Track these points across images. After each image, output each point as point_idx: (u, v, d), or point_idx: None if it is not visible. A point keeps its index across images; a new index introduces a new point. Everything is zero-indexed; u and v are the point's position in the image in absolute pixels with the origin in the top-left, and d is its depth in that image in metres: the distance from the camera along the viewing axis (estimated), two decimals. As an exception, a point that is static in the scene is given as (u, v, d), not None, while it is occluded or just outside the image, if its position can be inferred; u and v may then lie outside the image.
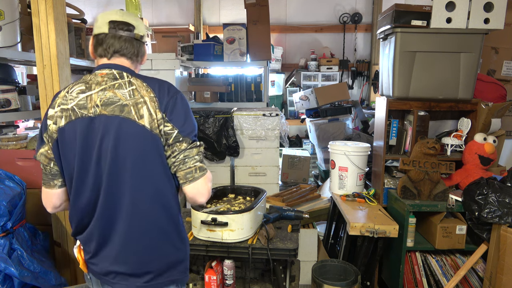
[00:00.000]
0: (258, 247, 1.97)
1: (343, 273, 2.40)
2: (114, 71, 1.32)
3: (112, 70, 1.32)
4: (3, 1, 2.23)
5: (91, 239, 1.32)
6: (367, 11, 5.37)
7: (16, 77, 2.64)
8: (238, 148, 3.06)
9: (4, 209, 1.86)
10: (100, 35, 1.31)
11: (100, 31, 1.31)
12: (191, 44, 3.82)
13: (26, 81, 3.04)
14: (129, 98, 1.27)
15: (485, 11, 2.26)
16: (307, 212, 2.38)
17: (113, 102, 1.26)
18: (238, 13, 5.44)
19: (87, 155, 1.26)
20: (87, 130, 1.26)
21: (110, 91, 1.28)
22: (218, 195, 2.38)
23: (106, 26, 1.30)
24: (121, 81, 1.31)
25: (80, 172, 1.28)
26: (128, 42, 1.34)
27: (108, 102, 1.26)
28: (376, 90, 5.31)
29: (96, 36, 1.33)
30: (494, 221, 2.11)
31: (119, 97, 1.27)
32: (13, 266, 1.80)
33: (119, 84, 1.30)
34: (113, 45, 1.32)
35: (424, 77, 2.41)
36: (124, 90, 1.29)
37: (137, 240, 1.30)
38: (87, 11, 5.15)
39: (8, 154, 2.25)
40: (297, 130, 5.49)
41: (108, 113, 1.25)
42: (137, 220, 1.28)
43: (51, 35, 1.98)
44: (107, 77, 1.30)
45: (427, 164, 2.34)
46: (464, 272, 2.26)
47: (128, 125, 1.25)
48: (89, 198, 1.29)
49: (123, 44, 1.33)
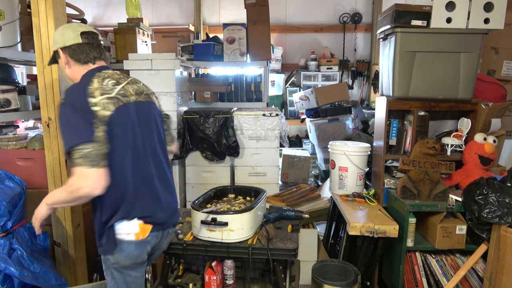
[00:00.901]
0: (258, 247, 1.97)
1: (343, 273, 2.40)
2: (114, 71, 1.62)
3: (112, 70, 1.62)
4: (3, 1, 2.23)
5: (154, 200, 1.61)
6: (367, 11, 5.37)
7: (16, 77, 2.64)
8: (238, 148, 3.06)
9: (4, 209, 1.86)
10: (74, 45, 1.56)
11: (75, 41, 1.55)
12: (191, 44, 3.81)
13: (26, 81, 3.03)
14: (145, 89, 1.69)
15: (485, 11, 2.26)
16: (307, 212, 2.38)
17: (142, 92, 1.64)
18: (238, 13, 5.44)
19: (147, 132, 1.60)
20: (138, 112, 1.57)
21: (134, 84, 1.63)
22: (218, 195, 2.38)
23: (79, 37, 1.56)
24: (127, 77, 1.64)
25: (144, 147, 1.57)
26: (101, 48, 1.64)
27: (139, 92, 1.62)
28: (376, 90, 5.31)
29: (69, 47, 1.56)
30: (494, 221, 2.11)
31: (142, 89, 1.66)
32: (13, 266, 1.80)
33: (130, 79, 1.64)
34: (90, 53, 1.58)
35: (424, 77, 2.41)
36: (139, 84, 1.69)
37: (172, 196, 1.72)
38: (87, 11, 5.16)
39: (8, 154, 2.25)
40: (297, 130, 5.49)
41: (143, 99, 1.62)
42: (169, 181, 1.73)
43: (51, 35, 1.98)
44: (117, 75, 1.60)
45: (427, 164, 2.34)
46: (464, 272, 2.26)
47: (156, 108, 1.71)
48: (150, 168, 1.59)
49: (99, 50, 1.61)
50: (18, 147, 2.28)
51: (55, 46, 1.59)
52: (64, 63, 1.59)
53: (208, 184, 3.12)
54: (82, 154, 1.35)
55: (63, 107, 1.44)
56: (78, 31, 1.56)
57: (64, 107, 1.43)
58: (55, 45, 1.59)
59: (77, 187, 1.37)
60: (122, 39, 3.87)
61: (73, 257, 2.19)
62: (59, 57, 1.59)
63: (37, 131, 3.05)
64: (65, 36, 1.55)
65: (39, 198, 2.20)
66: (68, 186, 1.40)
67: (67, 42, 1.55)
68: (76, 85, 1.54)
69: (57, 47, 1.58)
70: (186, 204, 3.28)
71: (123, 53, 3.82)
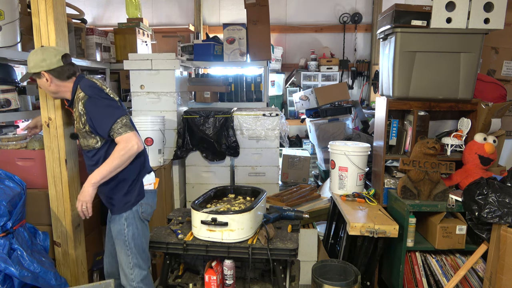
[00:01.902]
0: (258, 247, 1.97)
1: (343, 273, 2.40)
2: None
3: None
4: (3, 1, 2.23)
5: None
6: (367, 11, 5.37)
7: (16, 77, 2.64)
8: (238, 148, 3.06)
9: (4, 209, 1.85)
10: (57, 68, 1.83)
11: (58, 65, 1.83)
12: (191, 44, 3.82)
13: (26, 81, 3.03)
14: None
15: (485, 11, 2.26)
16: (307, 212, 2.38)
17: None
18: (238, 13, 5.44)
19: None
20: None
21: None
22: (218, 195, 2.38)
23: (60, 61, 1.83)
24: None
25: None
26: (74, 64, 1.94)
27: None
28: (376, 90, 5.31)
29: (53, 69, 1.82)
30: (494, 221, 2.11)
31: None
32: (13, 266, 1.80)
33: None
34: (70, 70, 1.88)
35: (424, 77, 2.41)
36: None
37: None
38: (87, 11, 5.16)
39: (8, 154, 2.25)
40: (297, 130, 5.49)
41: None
42: None
43: (51, 35, 1.98)
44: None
45: (427, 164, 2.34)
46: (464, 272, 2.26)
47: None
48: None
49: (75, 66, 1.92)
50: (18, 147, 2.28)
51: (36, 69, 1.81)
52: (46, 82, 1.84)
53: (208, 184, 3.12)
54: (122, 124, 1.79)
55: (92, 99, 1.81)
56: (59, 55, 1.83)
57: (94, 99, 1.81)
58: (36, 68, 1.81)
59: (129, 148, 1.77)
60: (122, 39, 3.87)
61: (73, 257, 2.19)
62: (41, 77, 1.84)
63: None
64: (47, 61, 1.81)
65: (39, 198, 2.21)
66: (120, 151, 1.77)
67: (51, 66, 1.81)
68: (85, 85, 1.86)
69: (40, 70, 1.81)
70: (186, 204, 3.28)
71: (123, 53, 3.82)
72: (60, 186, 2.12)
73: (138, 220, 1.96)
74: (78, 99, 1.85)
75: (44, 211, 2.19)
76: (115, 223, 1.95)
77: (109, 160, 1.80)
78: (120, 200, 1.93)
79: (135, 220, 1.95)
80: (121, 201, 1.93)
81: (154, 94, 3.07)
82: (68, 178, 2.11)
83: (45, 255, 2.07)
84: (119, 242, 1.95)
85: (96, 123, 1.80)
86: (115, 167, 1.80)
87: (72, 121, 2.03)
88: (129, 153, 1.78)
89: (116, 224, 1.95)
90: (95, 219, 2.45)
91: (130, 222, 1.94)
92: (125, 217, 1.93)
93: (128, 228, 1.93)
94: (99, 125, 1.80)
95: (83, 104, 1.82)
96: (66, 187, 2.11)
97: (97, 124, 1.80)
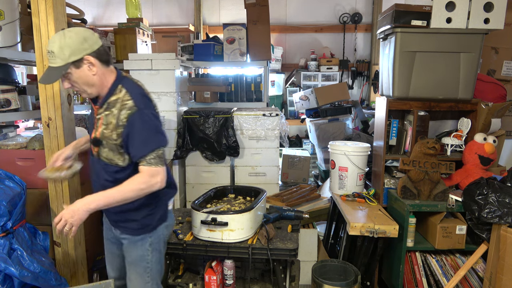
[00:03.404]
0: (258, 247, 1.97)
1: (343, 273, 2.40)
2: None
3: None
4: (3, 1, 2.23)
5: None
6: (367, 11, 5.37)
7: (16, 77, 2.64)
8: (238, 148, 3.06)
9: (4, 209, 1.85)
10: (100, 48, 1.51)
11: (99, 44, 1.51)
12: (191, 44, 3.82)
13: (26, 81, 3.03)
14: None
15: (485, 11, 2.26)
16: (307, 212, 2.38)
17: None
18: (238, 13, 5.44)
19: None
20: None
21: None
22: (218, 195, 2.38)
23: (99, 39, 1.52)
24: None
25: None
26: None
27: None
28: (376, 90, 5.31)
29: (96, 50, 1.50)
30: (494, 221, 2.11)
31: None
32: (13, 266, 1.80)
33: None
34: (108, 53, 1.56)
35: (424, 77, 2.41)
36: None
37: None
38: (87, 11, 5.16)
39: (8, 154, 2.25)
40: (297, 130, 5.49)
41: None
42: None
43: (51, 35, 1.98)
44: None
45: (427, 164, 2.34)
46: (464, 272, 2.26)
47: None
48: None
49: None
50: (18, 147, 2.28)
51: (78, 54, 1.44)
52: (90, 70, 1.49)
53: (208, 184, 3.11)
54: (157, 154, 1.53)
55: (141, 114, 1.51)
56: (94, 33, 1.51)
57: (143, 115, 1.51)
58: (77, 54, 1.44)
59: (152, 184, 1.51)
60: (122, 39, 3.87)
61: (73, 257, 2.18)
62: (80, 65, 1.47)
63: (37, 131, 3.05)
64: (89, 41, 1.46)
65: (39, 198, 2.21)
66: (140, 184, 1.50)
67: (94, 46, 1.48)
68: (135, 91, 1.57)
69: (83, 55, 1.45)
70: (186, 204, 3.28)
71: (123, 53, 3.82)
72: (60, 186, 2.12)
73: (162, 243, 1.75)
74: (120, 104, 1.53)
75: (44, 211, 2.20)
76: (135, 247, 1.67)
77: (123, 189, 1.50)
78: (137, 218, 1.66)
79: (160, 244, 1.73)
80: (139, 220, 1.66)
81: (154, 94, 3.07)
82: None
83: (45, 255, 2.07)
84: (138, 269, 1.69)
85: (132, 143, 1.51)
86: (127, 199, 1.51)
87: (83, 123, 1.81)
88: (150, 189, 1.52)
89: (138, 249, 1.67)
90: (95, 219, 2.45)
91: (155, 247, 1.70)
92: (150, 242, 1.68)
93: (153, 253, 1.69)
94: (134, 145, 1.51)
95: (127, 115, 1.50)
96: (66, 187, 2.11)
97: (132, 144, 1.51)
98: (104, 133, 1.55)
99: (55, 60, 1.44)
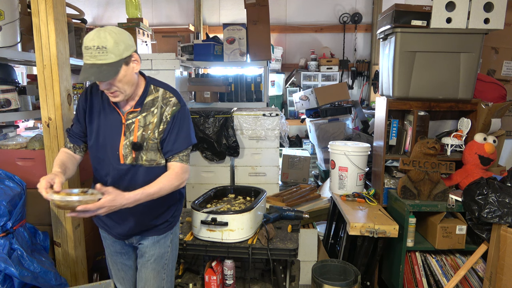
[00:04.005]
0: (258, 247, 1.97)
1: (343, 273, 2.40)
2: None
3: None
4: (3, 1, 2.23)
5: None
6: (367, 11, 5.37)
7: (16, 77, 2.64)
8: (238, 148, 3.06)
9: (4, 209, 1.85)
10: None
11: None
12: (191, 44, 3.82)
13: (26, 81, 3.03)
14: None
15: (485, 11, 2.26)
16: (307, 212, 2.38)
17: None
18: (238, 13, 5.44)
19: None
20: None
21: None
22: (218, 195, 2.38)
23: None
24: None
25: None
26: None
27: None
28: (376, 90, 5.31)
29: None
30: (494, 221, 2.11)
31: None
32: (13, 266, 1.80)
33: None
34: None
35: (424, 77, 2.41)
36: None
37: None
38: (87, 11, 5.16)
39: (8, 154, 2.25)
40: (297, 130, 5.49)
41: None
42: None
43: (51, 35, 1.98)
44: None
45: (427, 164, 2.34)
46: (464, 272, 2.26)
47: None
48: None
49: None
50: (18, 147, 2.28)
51: (130, 50, 1.41)
52: (136, 66, 1.46)
53: (208, 184, 3.11)
54: (188, 153, 1.59)
55: (184, 111, 1.56)
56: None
57: (185, 112, 1.57)
58: (129, 49, 1.40)
59: (184, 180, 1.57)
60: (122, 39, 3.86)
61: (73, 257, 2.18)
62: (130, 62, 1.43)
63: (37, 131, 3.05)
64: (132, 38, 1.44)
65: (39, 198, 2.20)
66: (177, 181, 1.53)
67: (135, 44, 1.46)
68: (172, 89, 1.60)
69: (132, 51, 1.42)
70: (186, 204, 3.28)
71: (123, 53, 3.81)
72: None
73: (177, 239, 1.81)
74: (160, 102, 1.52)
75: (44, 211, 2.19)
76: (158, 246, 1.68)
77: (160, 184, 1.48)
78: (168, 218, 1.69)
79: (177, 240, 1.80)
80: (168, 220, 1.70)
81: (154, 94, 3.06)
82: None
83: (45, 255, 2.07)
84: (157, 267, 1.68)
85: (170, 139, 1.51)
86: (161, 195, 1.50)
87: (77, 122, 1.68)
88: (181, 186, 1.56)
89: (161, 247, 1.68)
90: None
91: (175, 243, 1.77)
92: (171, 239, 1.73)
93: (172, 250, 1.75)
94: (173, 141, 1.51)
95: (172, 111, 1.51)
96: (66, 187, 2.11)
97: (172, 140, 1.51)
98: (143, 135, 1.51)
99: (107, 56, 1.34)
